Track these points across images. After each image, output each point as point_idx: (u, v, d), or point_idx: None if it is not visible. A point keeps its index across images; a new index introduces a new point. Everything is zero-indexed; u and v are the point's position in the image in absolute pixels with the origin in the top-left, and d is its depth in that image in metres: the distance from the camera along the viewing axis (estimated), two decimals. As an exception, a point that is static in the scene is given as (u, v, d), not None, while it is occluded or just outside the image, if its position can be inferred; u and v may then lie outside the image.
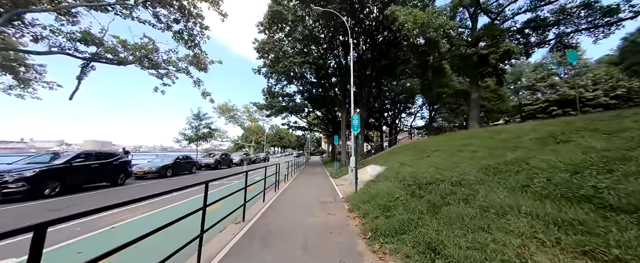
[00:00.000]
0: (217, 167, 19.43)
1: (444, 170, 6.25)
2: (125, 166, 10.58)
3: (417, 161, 8.41)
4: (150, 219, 5.47)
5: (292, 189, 9.37)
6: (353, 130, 7.69)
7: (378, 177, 8.32)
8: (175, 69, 12.34)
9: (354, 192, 7.55)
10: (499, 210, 3.42)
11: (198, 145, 22.81)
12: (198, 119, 22.34)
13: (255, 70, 17.74)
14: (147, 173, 12.55)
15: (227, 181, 11.94)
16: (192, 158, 16.20)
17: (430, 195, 4.95)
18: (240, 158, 23.81)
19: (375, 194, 6.12)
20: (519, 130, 6.96)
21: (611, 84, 23.99)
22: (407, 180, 6.41)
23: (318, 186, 10.20)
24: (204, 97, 13.91)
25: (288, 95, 23.17)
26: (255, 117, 36.27)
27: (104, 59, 10.18)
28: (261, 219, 5.29)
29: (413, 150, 10.57)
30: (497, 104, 29.92)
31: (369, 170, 11.40)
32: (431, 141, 10.20)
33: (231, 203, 4.91)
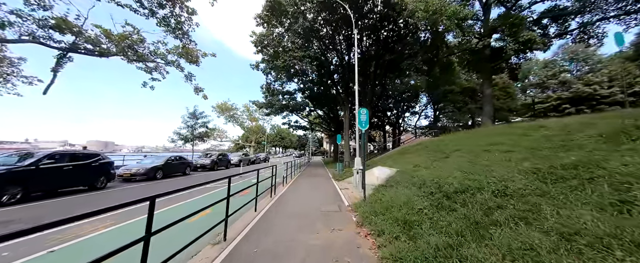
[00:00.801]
0: (214, 168, 18.36)
1: (473, 174, 5.07)
2: (107, 168, 9.50)
3: (435, 163, 7.24)
4: (107, 238, 4.35)
5: (290, 194, 8.24)
6: (360, 125, 6.54)
7: (389, 181, 7.16)
8: (164, 61, 11.25)
9: (362, 199, 6.39)
10: (593, 239, 2.25)
11: (194, 145, 21.70)
12: (194, 117, 21.24)
13: (253, 65, 16.67)
14: (135, 176, 11.48)
15: (221, 184, 10.85)
16: (185, 159, 15.13)
17: (465, 209, 3.79)
18: (239, 159, 22.73)
19: (390, 203, 4.97)
20: (563, 125, 5.78)
21: (629, 80, 22.60)
22: (427, 186, 5.24)
23: (320, 190, 9.06)
24: (196, 93, 12.85)
25: (288, 93, 22.06)
26: (256, 117, 35.21)
27: (82, 49, 9.13)
28: (248, 238, 4.16)
29: (426, 150, 9.40)
30: (506, 102, 28.58)
31: (376, 172, 10.24)
32: (447, 140, 9.06)
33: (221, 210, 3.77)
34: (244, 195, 7.80)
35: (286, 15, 15.49)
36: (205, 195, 8.24)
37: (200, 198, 7.79)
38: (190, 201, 7.33)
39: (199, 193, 8.51)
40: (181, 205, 6.82)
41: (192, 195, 8.14)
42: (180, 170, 14.39)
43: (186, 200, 7.42)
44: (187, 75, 12.13)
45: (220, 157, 19.25)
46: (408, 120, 43.76)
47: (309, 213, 5.69)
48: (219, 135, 34.11)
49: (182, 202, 7.08)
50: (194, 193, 8.37)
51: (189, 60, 11.50)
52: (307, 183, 11.01)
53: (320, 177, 13.52)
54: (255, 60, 16.46)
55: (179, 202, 7.08)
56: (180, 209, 6.41)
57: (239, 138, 47.95)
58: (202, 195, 8.32)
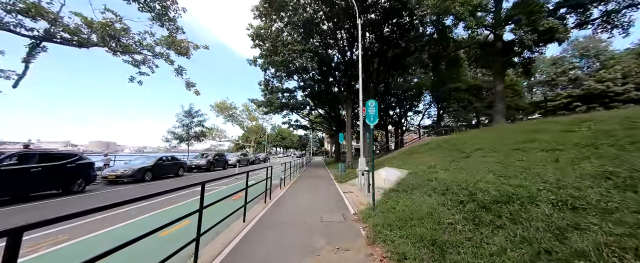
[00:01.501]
0: (210, 169, 17.39)
1: (512, 178, 4.04)
2: (86, 169, 8.54)
3: (453, 163, 6.22)
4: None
5: (287, 199, 7.24)
6: (368, 120, 5.53)
7: (401, 185, 6.14)
8: (151, 53, 10.28)
9: (371, 207, 5.37)
10: None
11: (190, 145, 20.73)
12: (189, 116, 20.23)
13: (251, 61, 15.68)
14: (121, 178, 10.52)
15: (216, 185, 9.86)
16: (178, 160, 14.17)
17: (519, 227, 2.76)
18: (237, 159, 21.74)
19: (407, 214, 3.96)
20: (623, 117, 4.73)
21: (645, 76, 21.45)
22: (453, 192, 4.22)
23: (321, 194, 8.05)
24: (188, 88, 11.88)
25: (288, 90, 21.07)
26: (255, 116, 34.23)
27: (59, 38, 8.18)
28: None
29: (439, 149, 8.37)
30: (513, 100, 27.44)
31: (383, 174, 9.22)
32: (463, 138, 8.03)
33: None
34: (236, 199, 6.84)
35: (285, 8, 14.54)
36: (195, 199, 7.24)
37: (186, 204, 6.80)
38: (175, 207, 6.34)
39: (185, 197, 7.52)
40: (158, 214, 5.83)
41: (180, 199, 7.15)
42: (172, 171, 13.42)
43: (172, 205, 6.44)
44: (178, 68, 11.16)
45: (216, 158, 18.28)
46: (411, 120, 42.71)
47: (308, 224, 4.68)
48: (218, 135, 33.15)
49: (165, 208, 6.09)
50: (180, 198, 7.39)
51: (178, 51, 10.54)
52: (307, 186, 10.01)
53: (321, 179, 12.51)
54: (253, 55, 15.52)
55: (157, 210, 6.09)
56: (156, 219, 5.42)
57: (239, 138, 47.00)
58: (191, 199, 7.33)
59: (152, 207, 6.31)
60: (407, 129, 42.30)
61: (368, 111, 5.62)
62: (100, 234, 4.34)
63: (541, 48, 14.98)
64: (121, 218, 5.26)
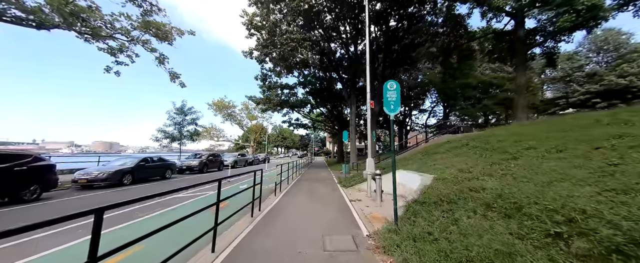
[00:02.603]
0: (203, 171, 15.96)
1: (628, 193, 2.49)
2: (44, 173, 7.12)
3: (498, 167, 4.68)
4: None
5: (281, 211, 5.75)
6: (387, 108, 4.03)
7: (428, 196, 4.62)
8: (126, 38, 8.84)
9: (392, 228, 3.85)
10: None
11: (182, 144, 19.26)
12: (181, 113, 18.75)
13: (246, 53, 14.23)
14: (94, 182, 9.10)
15: (202, 191, 8.39)
16: (166, 160, 12.74)
17: None
18: (234, 160, 20.29)
19: (459, 249, 2.44)
20: None
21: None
22: (529, 214, 2.70)
23: (323, 203, 6.55)
24: (172, 80, 10.46)
25: (287, 86, 19.57)
26: (255, 115, 32.76)
27: (9, 17, 6.82)
28: None
29: (467, 148, 6.83)
30: (527, 97, 25.72)
31: (398, 178, 7.70)
32: (499, 134, 6.48)
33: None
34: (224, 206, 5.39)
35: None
36: (167, 210, 5.77)
37: (150, 218, 5.33)
38: (128, 225, 4.87)
39: (152, 209, 6.05)
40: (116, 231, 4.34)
41: (148, 210, 5.68)
42: (158, 173, 11.99)
43: (129, 221, 4.97)
44: (160, 57, 9.71)
45: (211, 158, 16.83)
46: (416, 119, 41.06)
47: (304, 257, 3.18)
48: (216, 135, 31.73)
49: (112, 228, 4.61)
50: (148, 209, 5.91)
51: (157, 36, 9.10)
52: (307, 192, 8.50)
53: (323, 183, 11.00)
54: (249, 47, 14.06)
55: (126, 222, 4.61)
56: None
57: (238, 138, 45.60)
58: (166, 208, 5.85)
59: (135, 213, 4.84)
60: (411, 129, 40.65)
61: (386, 97, 4.10)
62: None
63: (567, 36, 13.34)
64: (53, 242, 3.79)
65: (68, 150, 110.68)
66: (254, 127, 34.03)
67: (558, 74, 27.32)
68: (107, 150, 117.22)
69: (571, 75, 25.03)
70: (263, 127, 41.66)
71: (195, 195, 8.07)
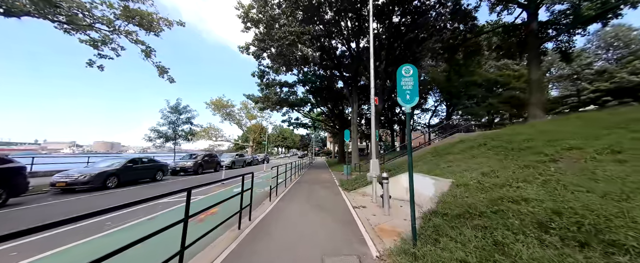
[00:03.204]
0: (198, 172, 15.18)
1: None
2: (10, 176, 6.34)
3: (530, 171, 3.85)
4: None
5: (275, 221, 4.95)
6: (402, 100, 3.20)
7: (449, 206, 3.80)
8: (108, 28, 8.04)
9: (408, 250, 3.02)
10: None
11: (177, 144, 18.42)
12: (176, 112, 17.88)
13: (242, 48, 13.43)
14: (73, 185, 8.32)
15: (194, 194, 7.59)
16: (157, 161, 11.95)
17: None
18: (232, 160, 19.51)
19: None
20: None
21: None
22: (615, 240, 1.83)
23: (323, 210, 5.74)
24: (161, 75, 9.68)
25: (286, 84, 18.75)
26: (254, 114, 31.92)
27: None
28: None
29: (485, 148, 6.00)
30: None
31: (405, 183, 6.87)
32: (525, 132, 5.60)
33: None
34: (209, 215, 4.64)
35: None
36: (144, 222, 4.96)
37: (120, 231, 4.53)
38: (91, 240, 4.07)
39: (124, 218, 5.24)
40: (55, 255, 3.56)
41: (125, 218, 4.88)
42: (147, 175, 11.19)
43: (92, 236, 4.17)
44: (146, 50, 8.91)
45: (206, 159, 16.05)
46: (418, 118, 40.18)
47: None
48: (215, 134, 30.94)
49: (61, 247, 3.81)
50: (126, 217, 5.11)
51: (142, 25, 8.31)
52: (305, 196, 7.69)
53: (323, 185, 10.18)
54: (245, 42, 13.25)
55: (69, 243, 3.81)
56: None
57: (238, 138, 44.87)
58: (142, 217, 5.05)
59: (69, 234, 4.03)
60: (413, 129, 39.78)
61: (401, 85, 3.28)
62: None
63: (583, 30, 12.48)
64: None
65: (69, 150, 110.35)
66: (254, 127, 33.22)
67: (565, 72, 26.40)
68: (108, 151, 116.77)
69: (579, 73, 24.11)
70: (263, 127, 40.87)
71: (182, 200, 7.27)
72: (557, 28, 12.59)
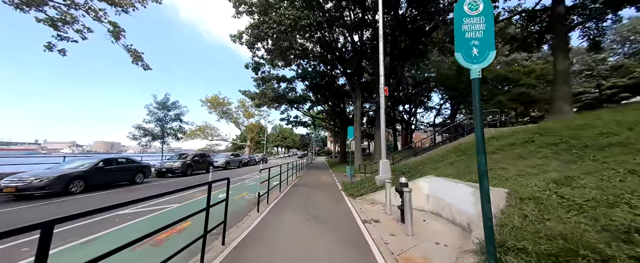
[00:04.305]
0: (186, 173, 13.77)
1: None
2: None
3: (637, 179, 2.41)
4: None
5: (256, 247, 3.54)
6: (466, 57, 1.80)
7: (517, 232, 2.33)
8: (64, 2, 6.64)
9: None
10: None
11: (165, 143, 16.88)
12: (164, 107, 16.36)
13: (234, 36, 12.00)
14: (26, 190, 6.91)
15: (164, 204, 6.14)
16: (137, 161, 10.54)
17: None
18: (226, 161, 18.09)
19: None
20: None
21: None
22: None
23: (324, 228, 4.32)
24: (135, 61, 8.28)
25: (284, 79, 17.31)
26: (252, 112, 30.46)
27: None
28: None
29: (534, 146, 4.58)
30: (547, 92, 23.36)
31: (425, 188, 5.50)
32: (591, 125, 4.22)
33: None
34: (166, 236, 3.29)
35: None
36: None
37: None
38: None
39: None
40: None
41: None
42: (124, 177, 9.78)
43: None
44: (114, 30, 7.49)
45: (196, 159, 14.63)
46: (421, 117, 38.77)
47: None
48: (211, 133, 29.49)
49: None
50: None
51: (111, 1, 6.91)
52: (302, 203, 6.27)
53: (324, 190, 8.75)
54: (238, 30, 11.80)
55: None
56: None
57: (236, 137, 43.41)
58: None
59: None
60: (416, 128, 38.35)
61: (461, 32, 1.86)
62: None
63: (614, 15, 11.06)
64: None
65: (69, 150, 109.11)
66: (251, 126, 31.77)
67: (578, 67, 24.94)
68: (108, 150, 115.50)
69: (593, 68, 22.66)
70: (262, 126, 39.46)
71: (163, 206, 5.85)
72: (584, 13, 11.17)
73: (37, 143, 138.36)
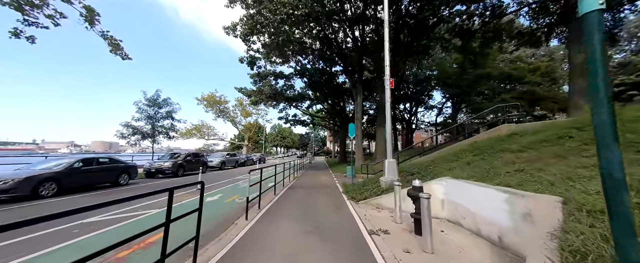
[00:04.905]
0: (178, 174, 12.96)
1: None
2: None
3: None
4: None
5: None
6: None
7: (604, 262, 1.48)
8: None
9: None
10: None
11: (155, 142, 15.87)
12: (154, 104, 15.39)
13: (227, 28, 11.19)
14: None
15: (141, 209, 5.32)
16: (121, 161, 9.71)
17: None
18: (221, 161, 17.26)
19: None
20: None
21: None
22: None
23: (324, 242, 3.52)
24: (113, 52, 7.45)
25: (282, 75, 16.50)
26: (250, 111, 29.59)
27: None
28: None
29: (572, 142, 3.80)
30: (551, 90, 22.68)
31: (441, 193, 4.72)
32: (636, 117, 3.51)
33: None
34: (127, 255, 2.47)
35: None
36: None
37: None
38: None
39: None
40: None
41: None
42: (106, 179, 8.95)
43: None
44: (87, 15, 6.63)
45: (189, 159, 13.80)
46: (421, 116, 37.99)
47: None
48: (207, 133, 28.60)
49: None
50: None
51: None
52: (299, 209, 5.48)
53: (324, 192, 7.96)
54: (231, 21, 11.02)
55: None
56: None
57: (234, 137, 42.48)
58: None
59: None
60: (417, 127, 37.59)
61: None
62: None
63: (632, 4, 10.32)
64: None
65: (67, 150, 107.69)
66: (249, 125, 30.90)
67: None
68: (106, 150, 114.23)
69: (600, 66, 21.89)
70: (260, 126, 38.60)
71: (141, 212, 5.03)
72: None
73: (35, 143, 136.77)
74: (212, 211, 5.70)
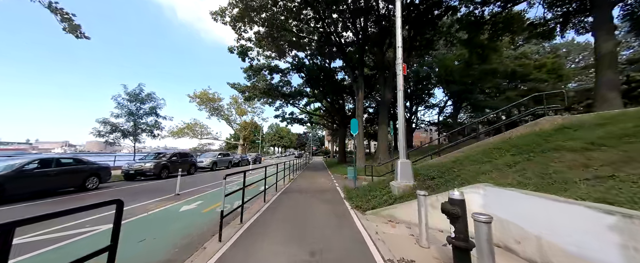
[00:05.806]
0: (161, 176, 11.66)
1: None
2: None
3: None
4: None
5: None
6: None
7: None
8: None
9: None
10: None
11: (137, 141, 14.40)
12: (136, 99, 13.95)
13: (215, 14, 9.90)
14: None
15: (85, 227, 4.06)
16: (89, 163, 8.41)
17: None
18: (212, 161, 15.95)
19: None
20: None
21: None
22: None
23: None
24: (72, 31, 6.22)
25: (278, 69, 15.25)
26: (245, 109, 28.22)
27: None
28: None
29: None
30: (557, 87, 21.67)
31: (478, 205, 3.46)
32: None
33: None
34: None
35: None
36: None
37: None
38: None
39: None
40: None
41: None
42: (68, 183, 7.65)
43: None
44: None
45: (174, 159, 12.50)
46: (422, 115, 36.97)
47: None
48: (201, 132, 27.19)
49: None
50: None
51: None
52: (292, 223, 4.25)
53: (322, 198, 6.73)
54: (219, 6, 9.69)
55: None
56: None
57: (230, 136, 41.13)
58: None
59: None
60: (417, 127, 36.56)
61: None
62: None
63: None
64: None
65: (61, 150, 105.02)
66: (245, 124, 29.58)
67: (587, 62, 23.32)
68: (101, 150, 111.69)
69: (608, 62, 20.94)
70: (257, 125, 37.24)
71: (89, 228, 3.77)
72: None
73: (28, 143, 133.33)
74: (183, 224, 4.48)
